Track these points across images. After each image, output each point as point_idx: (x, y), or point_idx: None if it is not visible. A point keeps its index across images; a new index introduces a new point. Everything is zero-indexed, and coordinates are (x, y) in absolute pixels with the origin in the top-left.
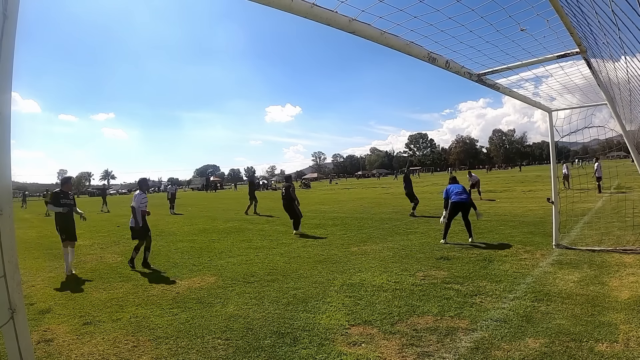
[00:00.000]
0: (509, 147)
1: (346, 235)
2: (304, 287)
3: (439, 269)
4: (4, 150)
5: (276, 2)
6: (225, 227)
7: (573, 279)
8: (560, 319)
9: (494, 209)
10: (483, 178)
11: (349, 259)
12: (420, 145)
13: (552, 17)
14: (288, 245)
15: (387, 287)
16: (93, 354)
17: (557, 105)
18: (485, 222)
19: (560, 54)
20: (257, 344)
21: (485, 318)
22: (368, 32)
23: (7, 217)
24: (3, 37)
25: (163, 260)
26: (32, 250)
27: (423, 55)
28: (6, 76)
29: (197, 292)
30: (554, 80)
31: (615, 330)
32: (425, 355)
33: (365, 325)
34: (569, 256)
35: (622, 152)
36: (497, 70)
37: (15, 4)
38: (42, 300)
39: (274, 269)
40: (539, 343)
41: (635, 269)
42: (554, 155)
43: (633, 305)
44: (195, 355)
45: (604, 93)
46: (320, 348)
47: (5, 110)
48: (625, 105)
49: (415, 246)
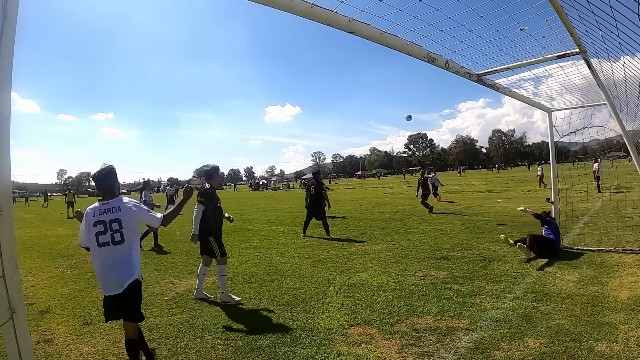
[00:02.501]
0: (509, 147)
1: (346, 235)
2: (304, 287)
3: (438, 269)
4: (3, 150)
5: (276, 2)
6: (225, 227)
7: (573, 279)
8: (559, 319)
9: (494, 209)
10: (488, 178)
11: (349, 259)
12: (419, 146)
13: (552, 17)
14: (288, 245)
15: (387, 287)
16: (93, 354)
17: (557, 105)
18: (485, 222)
19: (560, 54)
20: (257, 344)
21: (485, 318)
22: (368, 32)
23: (7, 217)
24: (3, 37)
25: (163, 260)
26: (32, 250)
27: (423, 55)
28: (6, 76)
29: None
30: (553, 80)
31: (615, 330)
32: (425, 355)
33: (365, 325)
34: (568, 256)
35: (622, 152)
36: (496, 70)
37: (15, 4)
38: (41, 300)
39: (273, 269)
40: (538, 343)
41: (634, 269)
42: (554, 155)
43: (633, 305)
44: (195, 355)
45: (603, 93)
46: (320, 348)
47: (5, 110)
48: (625, 105)
49: (415, 246)
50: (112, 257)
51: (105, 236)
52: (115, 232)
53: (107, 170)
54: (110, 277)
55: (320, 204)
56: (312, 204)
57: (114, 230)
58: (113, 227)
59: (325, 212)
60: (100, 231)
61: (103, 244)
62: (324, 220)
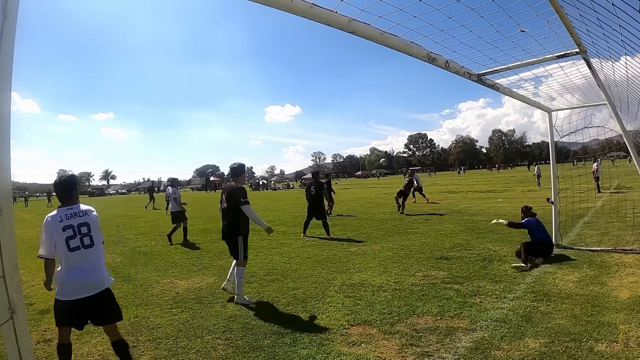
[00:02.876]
0: (509, 147)
1: (346, 235)
2: (304, 287)
3: (438, 269)
4: (3, 150)
5: (276, 2)
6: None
7: (573, 279)
8: (559, 319)
9: (494, 209)
10: (488, 178)
11: (349, 259)
12: (419, 146)
13: (552, 17)
14: (288, 245)
15: (387, 287)
16: (93, 354)
17: (557, 105)
18: (485, 222)
19: (560, 54)
20: (257, 344)
21: (485, 318)
22: (368, 32)
23: (7, 217)
24: (3, 37)
25: (163, 260)
26: (32, 250)
27: (423, 55)
28: (6, 76)
29: (197, 292)
30: (553, 80)
31: (615, 330)
32: (425, 355)
33: (365, 325)
34: (568, 256)
35: (622, 152)
36: (497, 70)
37: (15, 4)
38: (42, 300)
39: (273, 269)
40: (538, 343)
41: (634, 269)
42: (554, 155)
43: (633, 305)
44: (195, 355)
45: (603, 93)
46: (320, 348)
47: (5, 109)
48: (625, 105)
49: (415, 246)
50: (83, 260)
51: (75, 240)
52: (84, 236)
53: (68, 177)
54: (83, 280)
55: (320, 204)
56: (313, 202)
57: (83, 234)
58: (82, 231)
59: (325, 212)
60: (70, 236)
61: (74, 248)
62: (324, 220)
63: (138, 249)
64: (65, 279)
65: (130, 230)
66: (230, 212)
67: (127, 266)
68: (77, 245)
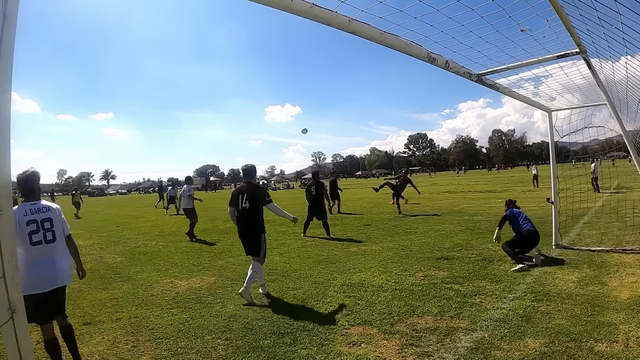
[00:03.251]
0: (509, 147)
1: (346, 235)
2: (304, 287)
3: (438, 269)
4: (3, 150)
5: (276, 2)
6: (225, 227)
7: (573, 279)
8: (560, 319)
9: (494, 208)
10: (487, 178)
11: (349, 259)
12: (419, 146)
13: (552, 17)
14: (288, 245)
15: (387, 287)
16: (93, 354)
17: (557, 105)
18: (485, 222)
19: (560, 54)
20: (257, 344)
21: (485, 318)
22: (368, 32)
23: (7, 217)
24: (3, 37)
25: (163, 260)
26: None
27: (423, 55)
28: (5, 76)
29: (197, 292)
30: (553, 80)
31: (615, 330)
32: (425, 355)
33: (365, 325)
34: (568, 256)
35: (622, 152)
36: (496, 70)
37: (15, 4)
38: None
39: (273, 269)
40: (538, 343)
41: (634, 269)
42: (554, 155)
43: (633, 305)
44: (195, 355)
45: (603, 93)
46: (320, 348)
47: (5, 109)
48: (625, 105)
49: (415, 246)
50: (45, 255)
51: (37, 235)
52: (47, 231)
53: (32, 173)
54: (44, 275)
55: (321, 204)
56: (313, 204)
57: (46, 229)
58: (45, 226)
59: (326, 212)
60: (33, 230)
61: (36, 242)
62: (324, 220)
63: (138, 249)
64: (26, 274)
65: (130, 230)
66: (253, 211)
67: (127, 266)
68: (40, 240)
